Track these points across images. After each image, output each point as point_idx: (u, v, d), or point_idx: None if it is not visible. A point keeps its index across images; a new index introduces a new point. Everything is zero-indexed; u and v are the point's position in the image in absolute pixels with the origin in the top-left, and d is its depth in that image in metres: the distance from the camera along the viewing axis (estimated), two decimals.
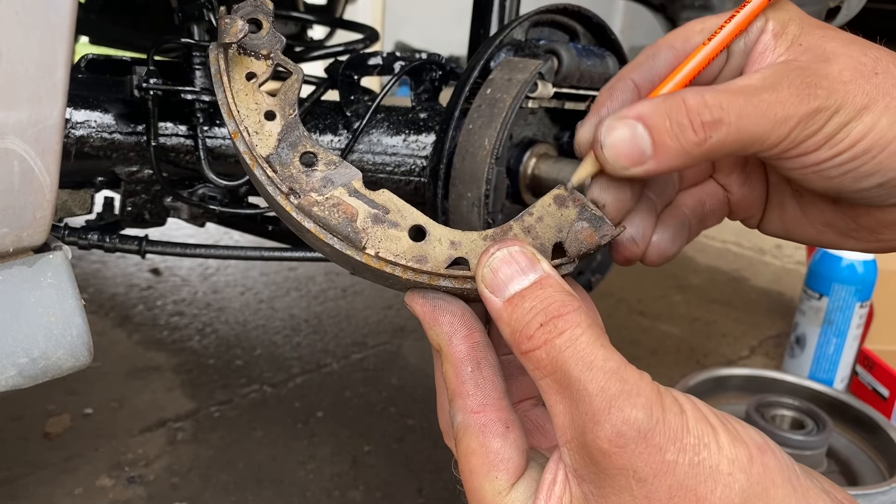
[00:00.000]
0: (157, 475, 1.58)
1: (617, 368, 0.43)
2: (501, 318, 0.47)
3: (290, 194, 0.52)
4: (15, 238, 0.69)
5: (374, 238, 0.53)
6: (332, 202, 0.53)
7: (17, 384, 0.71)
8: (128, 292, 2.39)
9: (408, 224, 0.53)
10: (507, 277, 0.48)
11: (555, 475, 0.47)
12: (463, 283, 0.52)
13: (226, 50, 0.57)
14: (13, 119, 0.64)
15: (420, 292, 0.53)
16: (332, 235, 0.52)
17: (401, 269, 0.52)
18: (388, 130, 1.19)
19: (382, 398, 1.92)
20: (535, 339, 0.45)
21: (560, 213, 0.54)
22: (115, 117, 1.14)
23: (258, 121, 0.55)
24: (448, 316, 0.52)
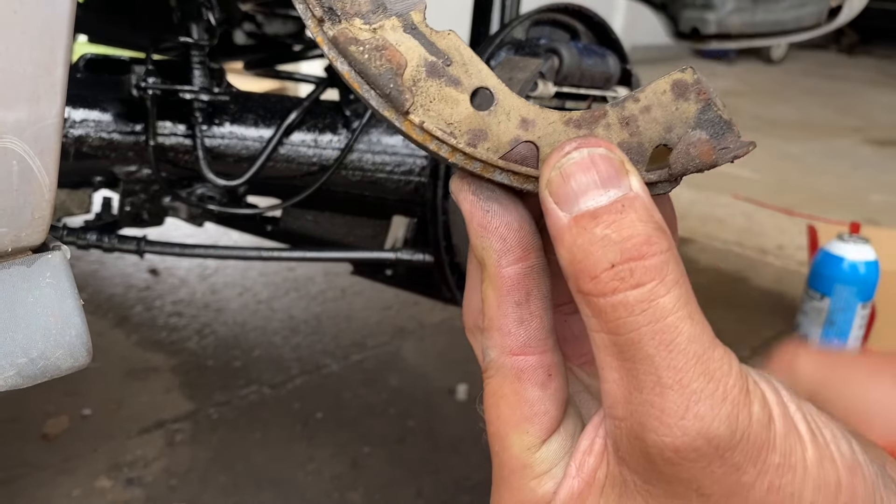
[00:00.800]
0: (155, 476, 1.57)
1: (703, 355, 0.35)
2: (563, 239, 0.36)
3: (325, 20, 0.39)
4: (13, 238, 0.68)
5: (425, 97, 0.40)
6: (376, 43, 0.39)
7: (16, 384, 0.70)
8: (126, 292, 2.38)
9: (472, 84, 0.40)
10: (581, 188, 0.36)
11: (591, 443, 0.39)
12: (524, 182, 0.40)
13: None
14: (12, 118, 0.64)
15: (470, 182, 0.41)
16: (369, 87, 0.39)
17: (448, 149, 0.40)
18: (388, 130, 1.19)
19: (382, 399, 1.91)
20: (601, 281, 0.35)
21: (675, 105, 0.40)
22: (113, 117, 1.14)
23: None
24: (503, 228, 0.40)
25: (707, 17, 1.32)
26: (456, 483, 1.63)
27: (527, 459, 0.40)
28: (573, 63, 1.07)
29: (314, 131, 1.22)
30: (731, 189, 4.04)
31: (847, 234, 2.01)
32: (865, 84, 8.66)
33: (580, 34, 1.18)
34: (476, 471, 1.68)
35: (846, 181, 4.45)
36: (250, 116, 1.23)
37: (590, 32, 1.19)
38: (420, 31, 0.40)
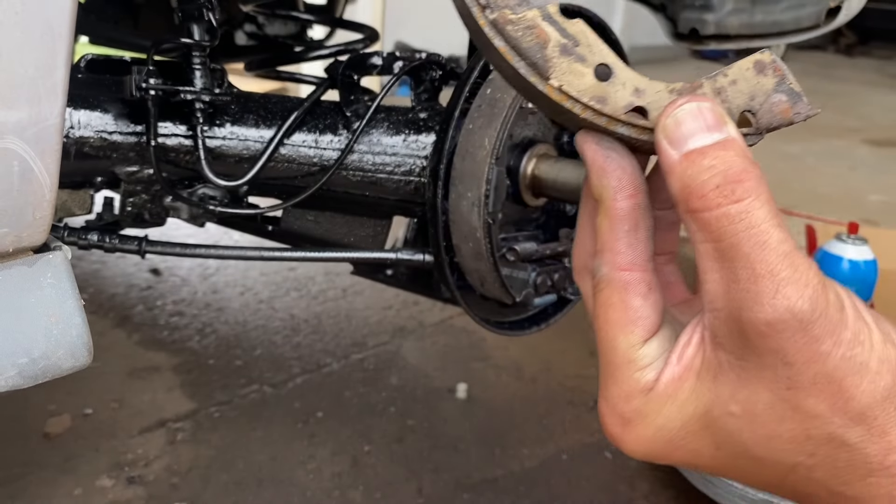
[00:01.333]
0: (156, 475, 1.58)
1: (789, 253, 0.43)
2: (674, 171, 0.46)
3: (487, 8, 0.50)
4: (15, 238, 0.69)
5: (559, 70, 0.50)
6: (527, 23, 0.50)
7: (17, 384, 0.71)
8: (127, 292, 2.39)
9: (595, 61, 0.51)
10: (690, 131, 0.46)
11: (690, 337, 0.48)
12: (640, 132, 0.50)
13: None
14: (13, 119, 0.64)
15: (594, 135, 0.51)
16: (519, 59, 0.50)
17: (581, 106, 0.50)
18: (389, 130, 1.19)
19: (382, 398, 1.92)
20: (708, 199, 0.44)
21: (757, 80, 0.51)
22: (114, 117, 1.14)
23: None
24: (619, 171, 0.50)
25: (706, 18, 1.33)
26: (456, 481, 1.64)
27: (632, 355, 0.49)
28: None
29: (315, 132, 1.22)
30: None
31: (845, 234, 2.01)
32: (864, 85, 8.66)
33: None
34: (476, 469, 1.68)
35: (844, 181, 4.46)
36: (251, 117, 1.23)
37: None
38: (555, 19, 0.50)
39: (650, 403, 0.48)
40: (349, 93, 1.21)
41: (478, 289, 1.16)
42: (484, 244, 1.04)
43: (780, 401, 0.44)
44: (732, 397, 0.46)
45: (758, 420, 0.45)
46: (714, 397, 0.46)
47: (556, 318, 1.30)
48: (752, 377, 0.45)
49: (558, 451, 1.78)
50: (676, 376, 0.48)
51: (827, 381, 0.43)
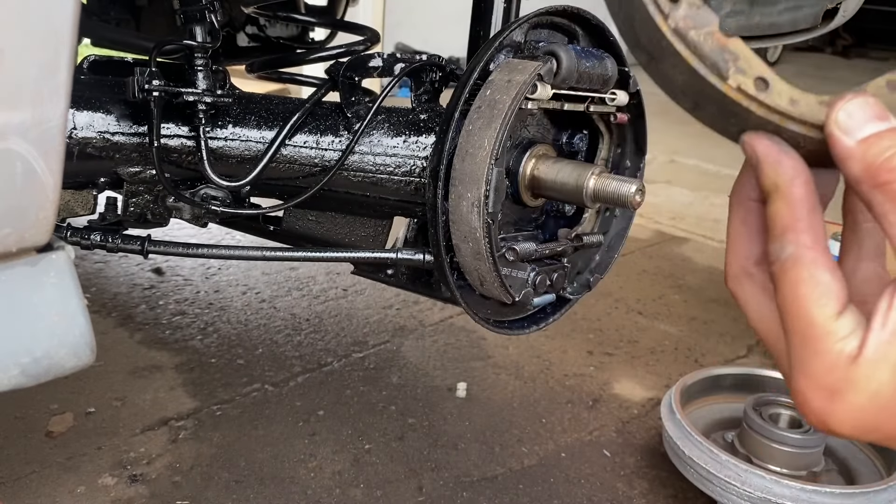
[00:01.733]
0: (158, 473, 1.59)
1: None
2: (854, 155, 0.50)
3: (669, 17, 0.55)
4: (18, 238, 0.69)
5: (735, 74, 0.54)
6: (708, 30, 0.54)
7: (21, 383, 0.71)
8: (130, 292, 2.40)
9: (754, 73, 0.55)
10: (863, 120, 0.50)
11: (891, 302, 0.49)
12: (809, 129, 0.54)
13: None
14: (16, 120, 0.65)
15: (764, 133, 0.55)
16: (699, 61, 0.54)
17: (757, 104, 0.54)
18: (389, 131, 1.20)
19: (383, 397, 1.93)
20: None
21: (892, 96, 0.55)
22: (117, 118, 1.15)
23: None
24: (793, 160, 0.53)
25: None
26: (456, 479, 1.65)
27: (830, 326, 0.50)
28: (571, 65, 1.08)
29: (316, 133, 1.23)
30: (727, 189, 4.02)
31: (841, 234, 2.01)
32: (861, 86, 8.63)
33: (579, 37, 1.19)
34: (476, 467, 1.69)
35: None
36: (253, 118, 1.24)
37: (588, 35, 1.21)
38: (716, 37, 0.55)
39: (860, 369, 0.49)
40: (350, 94, 1.22)
41: (477, 288, 1.16)
42: (484, 244, 1.05)
43: None
44: None
45: None
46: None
47: (555, 317, 1.30)
48: None
49: (557, 449, 1.79)
50: (884, 340, 0.48)
51: None
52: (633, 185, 1.04)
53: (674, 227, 3.46)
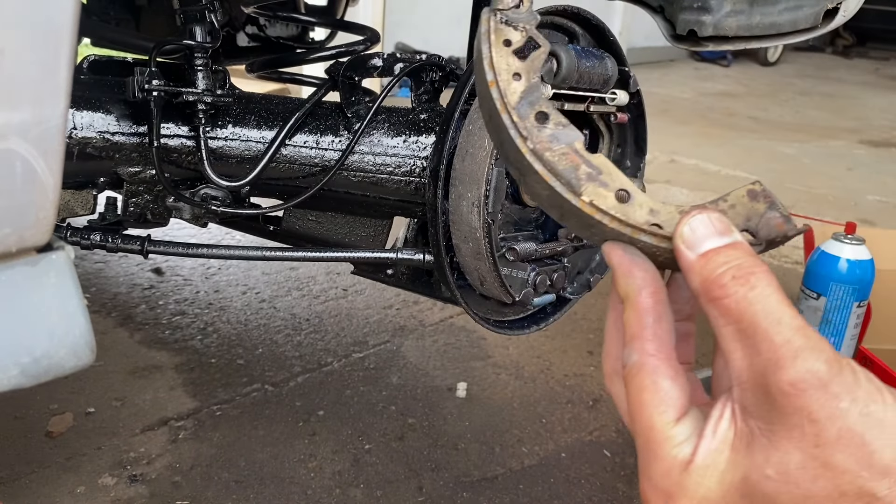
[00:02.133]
0: (158, 474, 1.59)
1: (802, 326, 0.48)
2: (694, 269, 0.53)
3: (528, 139, 0.60)
4: (18, 238, 0.69)
5: (589, 188, 0.59)
6: (562, 151, 0.59)
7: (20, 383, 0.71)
8: (130, 292, 2.40)
9: (616, 186, 0.59)
10: (704, 236, 0.54)
11: (722, 412, 0.52)
12: (660, 241, 0.58)
13: (495, 15, 0.65)
14: (16, 120, 0.65)
15: (619, 244, 0.59)
16: (555, 179, 0.59)
17: (609, 218, 0.58)
18: (389, 131, 1.20)
19: (383, 397, 1.93)
20: (728, 288, 0.50)
21: (751, 205, 0.59)
22: (117, 118, 1.15)
23: (507, 78, 0.63)
24: (642, 271, 0.57)
25: (704, 19, 1.33)
26: (456, 479, 1.65)
27: (669, 432, 0.53)
28: (571, 65, 1.08)
29: (316, 133, 1.23)
30: (727, 189, 4.01)
31: (843, 234, 2.01)
32: (861, 86, 8.65)
33: (578, 37, 1.19)
34: (476, 467, 1.69)
35: (841, 182, 4.46)
36: (253, 118, 1.24)
37: (588, 35, 1.21)
38: (581, 153, 0.60)
39: (691, 476, 0.52)
40: (350, 94, 1.22)
41: (478, 288, 1.16)
42: (484, 244, 1.05)
43: (810, 459, 0.47)
44: (767, 461, 0.49)
45: (792, 481, 0.48)
46: (750, 464, 0.50)
47: (555, 317, 1.30)
48: (782, 439, 0.48)
49: (557, 449, 1.79)
50: (713, 448, 0.51)
51: (850, 435, 0.46)
52: None
53: None
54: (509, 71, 0.64)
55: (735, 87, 8.03)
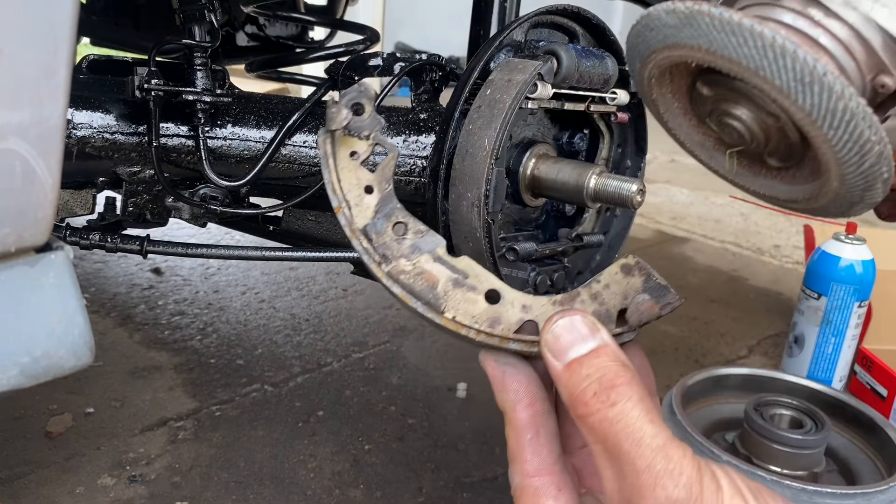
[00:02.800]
0: (158, 474, 1.59)
1: (663, 445, 0.48)
2: (560, 381, 0.52)
3: (382, 262, 0.59)
4: (17, 238, 0.69)
5: (454, 301, 0.58)
6: (418, 270, 0.59)
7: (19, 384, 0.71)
8: (129, 292, 2.39)
9: (484, 288, 0.59)
10: (568, 343, 0.52)
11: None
12: (530, 346, 0.57)
13: (332, 135, 0.63)
14: (15, 119, 0.65)
15: (493, 354, 0.58)
16: (416, 300, 0.58)
17: (474, 332, 0.57)
18: (389, 131, 1.20)
19: (383, 397, 1.93)
20: (590, 405, 0.49)
21: (626, 280, 0.58)
22: (116, 118, 1.15)
23: (358, 194, 0.62)
24: (515, 384, 0.56)
25: None
26: (456, 480, 1.64)
27: None
28: (572, 65, 1.08)
29: (316, 132, 1.23)
30: (727, 189, 4.03)
31: (844, 234, 2.01)
32: None
33: (579, 36, 1.19)
34: (476, 468, 1.69)
35: None
36: (252, 118, 1.24)
37: (588, 34, 1.20)
38: (444, 259, 0.60)
39: None
40: None
41: None
42: (484, 244, 1.05)
43: None
44: None
45: None
46: None
47: None
48: None
49: None
50: None
51: None
52: (633, 184, 1.04)
53: (674, 226, 3.46)
54: (360, 185, 0.62)
55: None
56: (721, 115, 0.54)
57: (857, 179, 0.48)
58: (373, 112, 0.64)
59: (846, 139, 0.45)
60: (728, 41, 0.47)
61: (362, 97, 0.64)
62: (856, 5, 0.49)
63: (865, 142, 0.45)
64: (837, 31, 0.49)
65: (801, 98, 0.45)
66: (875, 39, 0.48)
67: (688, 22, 0.49)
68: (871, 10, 0.48)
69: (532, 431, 0.55)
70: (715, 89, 0.53)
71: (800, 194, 0.55)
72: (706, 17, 0.48)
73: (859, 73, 0.50)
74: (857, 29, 0.49)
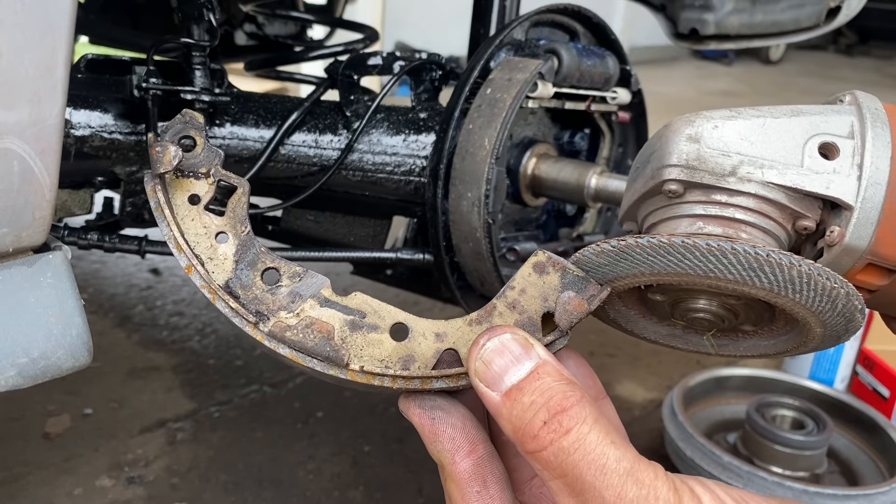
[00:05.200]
0: (156, 475, 1.58)
1: (631, 469, 0.42)
2: (501, 414, 0.45)
3: (259, 322, 0.50)
4: (14, 238, 0.68)
5: (356, 348, 0.50)
6: (306, 322, 0.50)
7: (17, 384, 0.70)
8: (127, 292, 2.39)
9: (388, 324, 0.51)
10: (502, 369, 0.45)
11: None
12: (457, 380, 0.49)
13: (162, 179, 0.52)
14: (13, 119, 0.64)
15: (414, 398, 0.50)
16: (311, 358, 0.49)
17: (389, 379, 0.49)
18: (388, 130, 1.19)
19: (382, 398, 1.92)
20: (541, 438, 0.43)
21: (542, 280, 0.51)
22: (114, 117, 1.14)
23: (210, 245, 0.52)
24: (449, 430, 0.49)
25: (706, 17, 1.33)
26: None
27: None
28: (572, 64, 1.07)
29: (315, 132, 1.22)
30: None
31: None
32: (864, 85, 8.65)
33: (579, 35, 1.19)
34: None
35: None
36: (251, 117, 1.23)
37: (589, 33, 1.20)
38: (332, 301, 0.52)
39: None
40: (349, 93, 1.21)
41: (478, 289, 1.16)
42: (484, 244, 1.04)
43: None
44: None
45: None
46: None
47: None
48: None
49: None
50: None
51: None
52: None
53: None
54: (209, 234, 0.52)
55: (737, 85, 8.03)
56: (684, 311, 0.55)
57: (837, 319, 0.49)
58: (205, 143, 0.54)
59: (814, 296, 0.47)
60: (668, 262, 0.47)
61: (188, 129, 0.54)
62: (749, 177, 0.52)
63: (830, 290, 0.47)
64: (746, 203, 0.52)
65: (758, 281, 0.47)
66: (779, 197, 0.52)
67: (621, 257, 0.49)
68: (764, 176, 0.51)
69: (479, 483, 0.48)
70: (668, 293, 0.54)
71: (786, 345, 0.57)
72: (636, 249, 0.48)
73: (781, 227, 0.53)
74: (760, 195, 0.52)
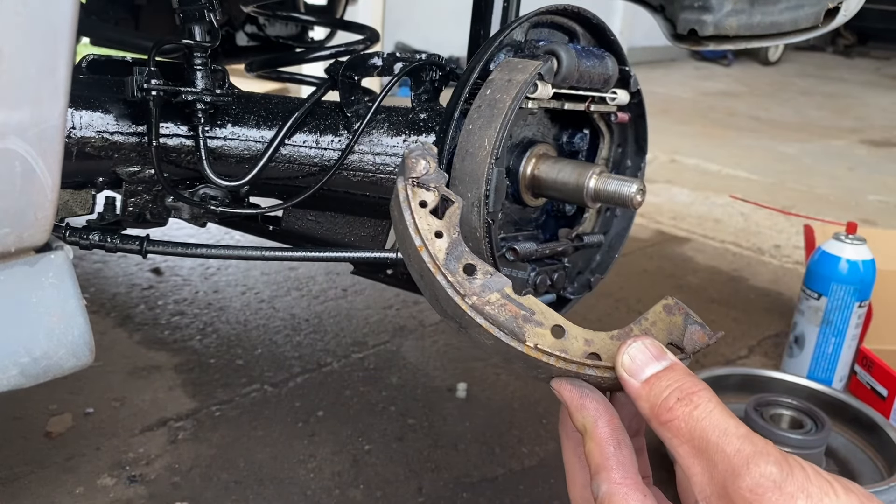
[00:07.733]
0: (158, 474, 1.58)
1: (748, 434, 0.53)
2: (640, 396, 0.58)
3: (465, 296, 0.64)
4: (16, 238, 0.69)
5: (531, 333, 0.64)
6: (501, 303, 0.64)
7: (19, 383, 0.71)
8: (129, 292, 2.39)
9: (550, 323, 0.64)
10: (643, 363, 0.59)
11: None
12: (604, 372, 0.63)
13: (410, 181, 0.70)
14: (15, 120, 0.65)
15: (567, 379, 0.63)
16: (499, 329, 0.63)
17: (555, 358, 0.63)
18: (389, 131, 1.20)
19: (382, 397, 1.92)
20: (675, 410, 0.55)
21: (669, 319, 0.66)
22: (116, 118, 1.15)
23: (430, 238, 0.68)
24: (594, 403, 0.61)
25: (704, 18, 1.33)
26: (456, 480, 1.64)
27: None
28: (572, 65, 1.08)
29: (316, 132, 1.23)
30: (728, 189, 4.04)
31: (844, 234, 2.01)
32: (862, 85, 8.65)
33: (579, 36, 1.19)
34: (476, 468, 1.69)
35: (842, 182, 4.46)
36: (252, 117, 1.24)
37: (588, 34, 1.20)
38: (512, 297, 0.65)
39: None
40: (349, 93, 1.22)
41: None
42: (484, 244, 1.04)
43: None
44: None
45: None
46: None
47: None
48: None
49: (558, 449, 1.78)
50: None
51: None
52: (633, 184, 1.04)
53: (674, 226, 3.46)
54: (431, 230, 0.68)
55: (736, 86, 8.03)
56: None
57: None
58: (437, 168, 0.72)
59: None
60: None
61: (427, 154, 0.73)
62: None
63: None
64: None
65: None
66: None
67: None
68: None
69: (614, 443, 0.59)
70: None
71: None
72: None
73: None
74: None
